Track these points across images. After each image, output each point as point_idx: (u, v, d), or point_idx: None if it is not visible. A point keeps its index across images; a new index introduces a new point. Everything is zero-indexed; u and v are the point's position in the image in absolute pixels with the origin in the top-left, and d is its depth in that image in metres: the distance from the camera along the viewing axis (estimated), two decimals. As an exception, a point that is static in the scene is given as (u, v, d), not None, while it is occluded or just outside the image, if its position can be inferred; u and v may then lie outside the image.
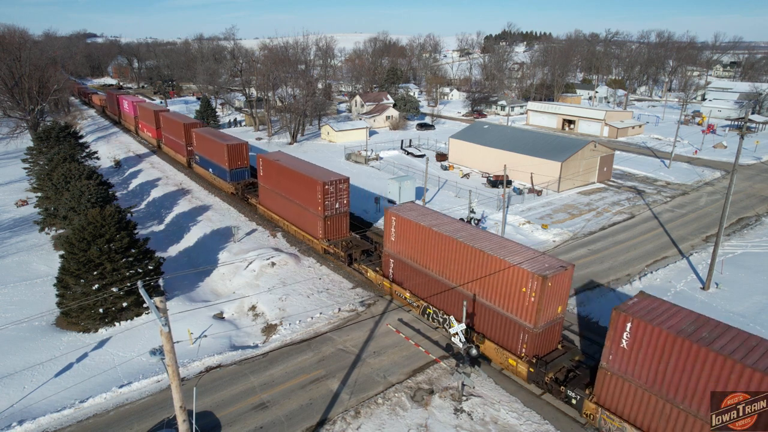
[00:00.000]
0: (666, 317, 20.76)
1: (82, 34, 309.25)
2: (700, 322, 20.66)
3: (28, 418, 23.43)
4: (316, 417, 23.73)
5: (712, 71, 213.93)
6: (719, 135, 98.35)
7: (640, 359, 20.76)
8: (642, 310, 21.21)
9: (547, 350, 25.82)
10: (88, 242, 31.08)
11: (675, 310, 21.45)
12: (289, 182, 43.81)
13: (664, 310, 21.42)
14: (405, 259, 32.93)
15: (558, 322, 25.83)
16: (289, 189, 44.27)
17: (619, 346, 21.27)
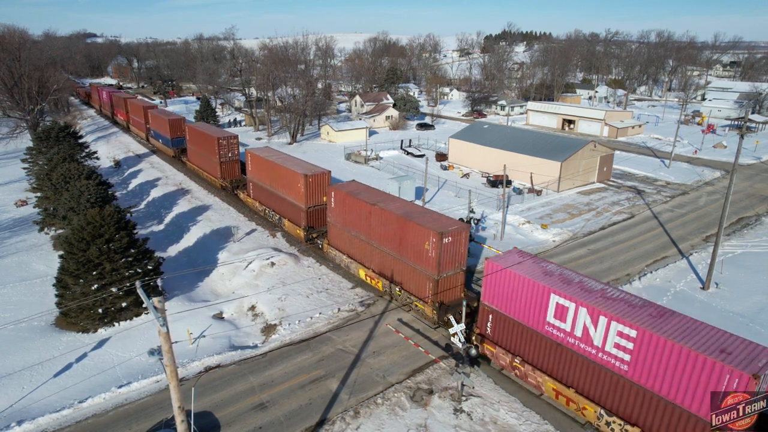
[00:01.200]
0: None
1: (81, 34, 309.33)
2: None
3: (27, 418, 23.40)
4: (315, 417, 23.71)
5: (712, 71, 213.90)
6: (719, 135, 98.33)
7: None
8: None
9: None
10: (87, 242, 31.06)
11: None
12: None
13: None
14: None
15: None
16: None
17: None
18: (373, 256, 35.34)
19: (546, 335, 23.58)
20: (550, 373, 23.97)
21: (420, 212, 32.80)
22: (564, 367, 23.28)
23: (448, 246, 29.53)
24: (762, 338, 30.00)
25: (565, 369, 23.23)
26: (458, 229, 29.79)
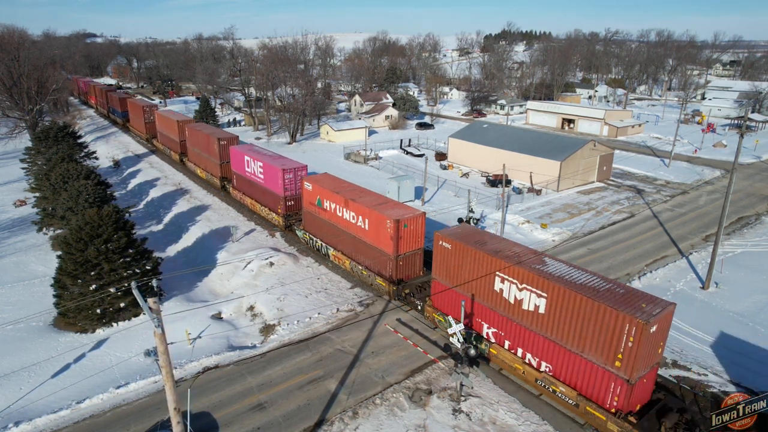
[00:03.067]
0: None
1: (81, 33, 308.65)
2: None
3: (25, 419, 23.33)
4: (314, 417, 23.64)
5: (712, 70, 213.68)
6: (719, 134, 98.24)
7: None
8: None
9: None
10: (85, 242, 30.99)
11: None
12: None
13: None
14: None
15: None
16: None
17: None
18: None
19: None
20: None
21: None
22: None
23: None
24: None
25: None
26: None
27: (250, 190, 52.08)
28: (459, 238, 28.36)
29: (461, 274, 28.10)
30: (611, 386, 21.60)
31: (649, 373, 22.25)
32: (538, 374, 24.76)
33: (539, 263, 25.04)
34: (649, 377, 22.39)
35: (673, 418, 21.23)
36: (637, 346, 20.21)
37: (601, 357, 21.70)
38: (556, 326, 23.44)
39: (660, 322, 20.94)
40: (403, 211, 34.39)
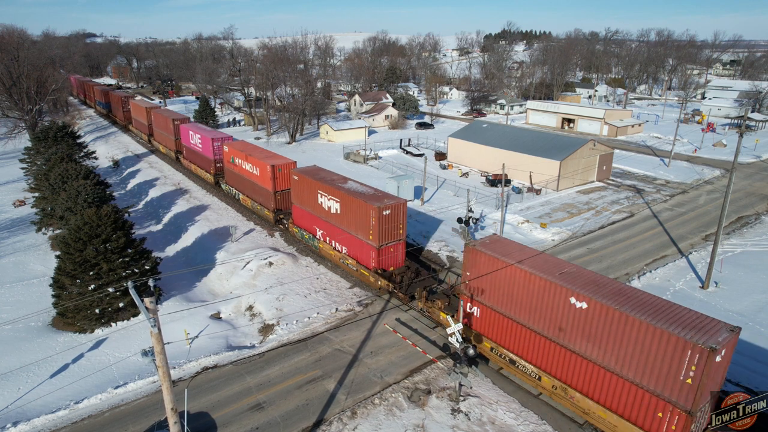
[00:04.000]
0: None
1: (81, 34, 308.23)
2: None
3: (23, 419, 23.30)
4: (312, 417, 23.59)
5: (712, 70, 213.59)
6: (719, 133, 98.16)
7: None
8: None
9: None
10: (84, 242, 30.95)
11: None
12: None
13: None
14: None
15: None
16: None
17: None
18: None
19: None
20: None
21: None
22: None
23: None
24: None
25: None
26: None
27: (194, 157, 65.54)
28: (302, 172, 41.95)
29: (305, 197, 41.46)
30: (371, 254, 35.10)
31: (396, 245, 35.18)
32: (341, 255, 38.01)
33: (341, 182, 39.10)
34: (396, 248, 35.41)
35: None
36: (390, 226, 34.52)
37: (363, 233, 35.44)
38: (345, 221, 37.04)
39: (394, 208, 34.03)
40: (280, 161, 47.28)
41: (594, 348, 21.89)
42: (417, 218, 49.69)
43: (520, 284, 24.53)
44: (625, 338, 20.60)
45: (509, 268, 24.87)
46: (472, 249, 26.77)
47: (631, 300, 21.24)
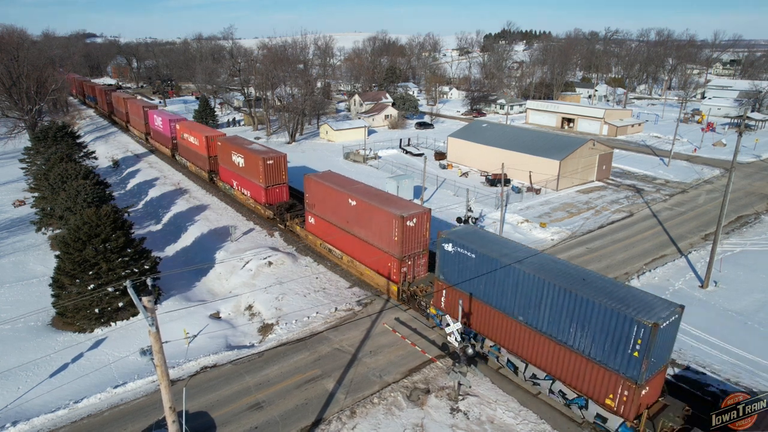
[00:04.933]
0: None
1: (81, 34, 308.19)
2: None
3: (22, 419, 23.32)
4: (311, 417, 23.60)
5: (712, 69, 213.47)
6: (719, 133, 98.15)
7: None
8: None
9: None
10: (83, 242, 30.96)
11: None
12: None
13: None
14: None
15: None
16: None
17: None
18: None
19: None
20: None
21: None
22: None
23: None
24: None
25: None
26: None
27: (157, 137, 79.17)
28: (225, 140, 55.86)
29: (225, 159, 55.92)
30: (261, 192, 48.83)
31: (281, 187, 48.94)
32: (246, 197, 52.07)
33: (248, 144, 53.75)
34: (281, 189, 49.32)
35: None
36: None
37: (255, 178, 49.02)
38: (246, 172, 50.82)
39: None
40: (213, 133, 60.94)
41: (362, 230, 36.28)
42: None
43: (329, 198, 39.14)
44: (374, 221, 34.66)
45: (326, 188, 39.33)
46: (308, 178, 41.62)
47: (381, 198, 36.13)
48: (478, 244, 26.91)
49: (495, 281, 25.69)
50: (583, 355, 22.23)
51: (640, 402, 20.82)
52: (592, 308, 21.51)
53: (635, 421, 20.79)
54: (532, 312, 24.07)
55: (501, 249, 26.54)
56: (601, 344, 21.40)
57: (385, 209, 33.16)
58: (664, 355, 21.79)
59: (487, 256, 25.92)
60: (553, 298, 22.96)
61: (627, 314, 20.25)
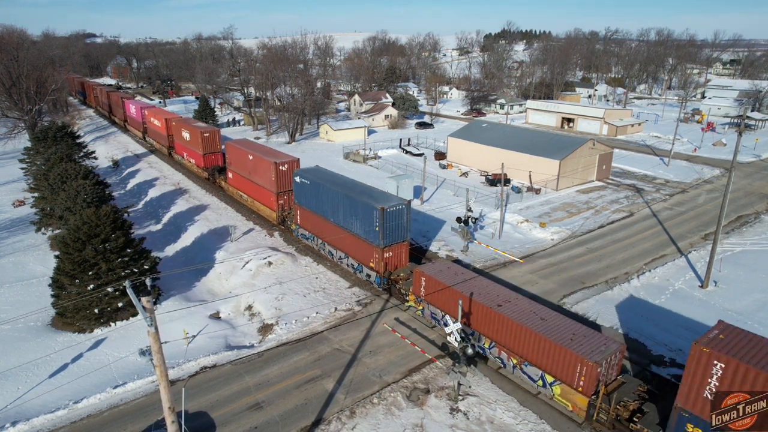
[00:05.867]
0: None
1: (81, 34, 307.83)
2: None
3: (22, 419, 23.32)
4: (311, 417, 23.60)
5: (712, 69, 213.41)
6: (719, 133, 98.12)
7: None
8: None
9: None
10: (83, 242, 30.95)
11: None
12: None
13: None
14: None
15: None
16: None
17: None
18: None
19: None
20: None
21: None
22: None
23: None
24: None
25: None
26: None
27: (132, 122, 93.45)
28: (178, 120, 68.73)
29: (178, 136, 69.11)
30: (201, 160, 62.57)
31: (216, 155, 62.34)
32: (191, 164, 64.56)
33: (193, 122, 66.89)
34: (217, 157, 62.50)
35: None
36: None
37: (197, 149, 62.65)
38: (191, 144, 63.86)
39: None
40: (172, 116, 76.14)
41: (256, 177, 49.04)
42: (417, 218, 49.67)
43: (239, 156, 52.32)
44: (260, 168, 47.63)
45: (237, 150, 52.56)
46: (227, 144, 54.76)
47: (267, 152, 49.79)
48: (312, 176, 40.64)
49: (319, 197, 39.44)
50: (358, 237, 35.69)
51: (385, 261, 34.37)
52: (356, 204, 35.22)
53: (385, 273, 34.36)
54: (334, 213, 37.95)
55: (325, 177, 40.56)
56: (364, 226, 34.89)
57: (267, 159, 46.57)
58: (400, 233, 34.60)
59: (314, 182, 39.84)
60: (343, 202, 36.66)
61: (372, 204, 33.59)
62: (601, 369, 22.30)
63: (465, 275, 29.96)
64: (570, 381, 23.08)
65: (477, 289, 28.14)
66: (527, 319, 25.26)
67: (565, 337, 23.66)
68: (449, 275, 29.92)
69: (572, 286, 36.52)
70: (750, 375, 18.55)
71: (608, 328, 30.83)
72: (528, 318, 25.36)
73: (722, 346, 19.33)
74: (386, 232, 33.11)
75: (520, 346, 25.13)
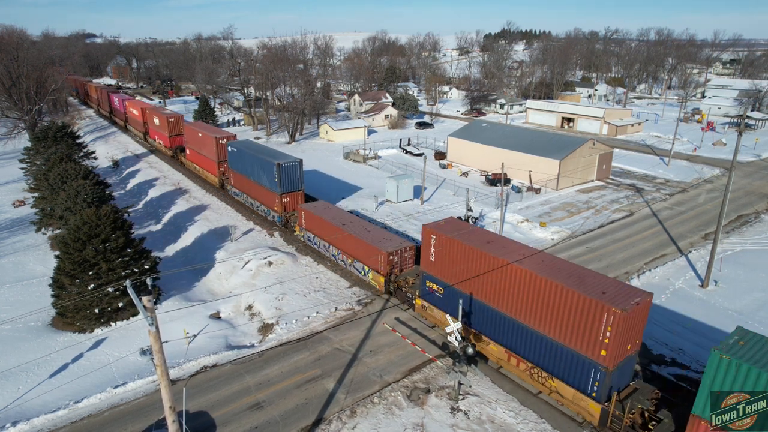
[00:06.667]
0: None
1: (81, 34, 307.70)
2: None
3: (22, 419, 23.31)
4: (311, 417, 23.60)
5: (712, 69, 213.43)
6: (719, 132, 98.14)
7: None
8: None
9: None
10: (83, 242, 30.96)
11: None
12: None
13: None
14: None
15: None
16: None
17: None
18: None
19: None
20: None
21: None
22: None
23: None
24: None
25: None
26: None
27: (116, 113, 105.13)
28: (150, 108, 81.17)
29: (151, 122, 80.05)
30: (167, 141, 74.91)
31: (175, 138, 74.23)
32: (161, 146, 76.79)
33: (162, 110, 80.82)
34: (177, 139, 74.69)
35: None
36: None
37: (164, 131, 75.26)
38: (160, 128, 76.39)
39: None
40: (148, 106, 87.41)
41: (204, 150, 61.36)
42: (417, 217, 49.68)
43: (193, 135, 64.01)
44: (207, 144, 59.77)
45: (191, 129, 64.57)
46: (185, 126, 67.38)
47: (211, 129, 62.92)
48: (239, 145, 53.49)
49: (243, 162, 51.60)
50: (266, 187, 47.75)
51: (284, 205, 46.42)
52: (263, 162, 47.18)
53: (283, 213, 46.37)
54: (252, 172, 49.73)
55: (248, 145, 54.07)
56: (267, 179, 46.93)
57: (210, 134, 58.70)
58: (294, 184, 46.56)
59: (240, 149, 52.23)
60: (256, 162, 48.64)
61: (272, 161, 45.57)
62: (393, 257, 33.87)
63: (333, 212, 42.10)
64: (375, 266, 34.85)
65: (328, 214, 41.26)
66: (357, 232, 37.10)
67: (374, 238, 35.99)
68: (321, 210, 41.99)
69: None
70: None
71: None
72: (358, 231, 37.31)
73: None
74: (283, 181, 45.39)
75: (351, 250, 37.35)
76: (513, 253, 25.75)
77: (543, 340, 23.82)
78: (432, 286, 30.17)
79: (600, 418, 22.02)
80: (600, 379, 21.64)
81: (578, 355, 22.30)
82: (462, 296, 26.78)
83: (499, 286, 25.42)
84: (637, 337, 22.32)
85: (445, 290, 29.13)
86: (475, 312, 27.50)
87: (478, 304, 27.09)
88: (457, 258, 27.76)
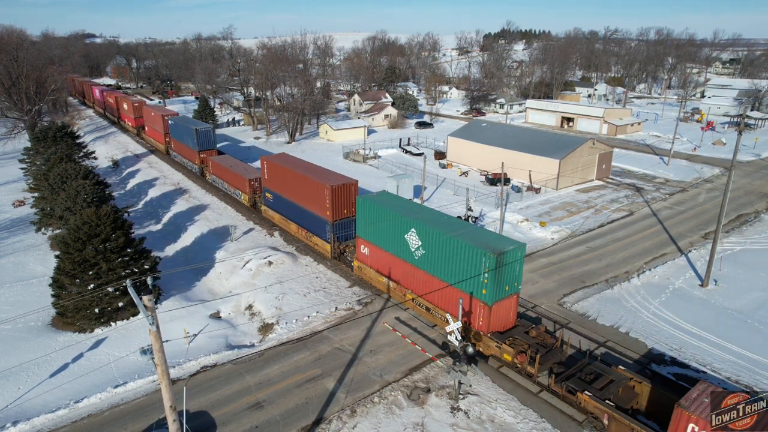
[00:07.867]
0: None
1: (80, 34, 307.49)
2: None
3: (23, 418, 23.30)
4: (312, 416, 23.60)
5: (712, 68, 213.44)
6: (718, 132, 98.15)
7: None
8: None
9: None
10: (83, 242, 30.95)
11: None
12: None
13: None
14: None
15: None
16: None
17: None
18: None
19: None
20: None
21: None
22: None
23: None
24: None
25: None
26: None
27: (99, 104, 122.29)
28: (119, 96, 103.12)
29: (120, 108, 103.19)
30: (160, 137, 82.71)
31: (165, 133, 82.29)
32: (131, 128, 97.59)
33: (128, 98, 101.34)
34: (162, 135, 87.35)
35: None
36: None
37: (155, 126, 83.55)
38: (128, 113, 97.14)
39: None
40: (117, 94, 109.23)
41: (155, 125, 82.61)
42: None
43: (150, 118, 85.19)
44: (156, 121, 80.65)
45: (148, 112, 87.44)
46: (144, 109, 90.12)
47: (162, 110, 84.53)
48: (176, 120, 71.94)
49: (179, 131, 69.56)
50: (191, 148, 65.64)
51: (201, 159, 64.22)
52: (188, 130, 65.53)
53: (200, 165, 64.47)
54: (182, 138, 68.09)
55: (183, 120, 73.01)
56: (191, 141, 64.79)
57: (158, 113, 77.67)
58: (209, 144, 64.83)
59: (175, 122, 71.45)
60: (184, 131, 67.36)
61: (191, 127, 64.51)
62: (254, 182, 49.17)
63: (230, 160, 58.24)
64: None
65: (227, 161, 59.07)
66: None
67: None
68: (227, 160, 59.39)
69: (572, 285, 36.54)
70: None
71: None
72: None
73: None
74: (200, 142, 63.21)
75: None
76: (299, 167, 43.97)
77: (307, 213, 41.36)
78: (268, 196, 47.85)
79: (330, 252, 39.69)
80: (328, 229, 39.08)
81: (319, 217, 39.81)
82: (280, 197, 45.40)
83: (291, 186, 43.32)
84: (346, 207, 38.43)
85: (273, 196, 47.05)
86: (282, 204, 45.78)
87: (284, 199, 45.06)
88: (276, 175, 45.57)
